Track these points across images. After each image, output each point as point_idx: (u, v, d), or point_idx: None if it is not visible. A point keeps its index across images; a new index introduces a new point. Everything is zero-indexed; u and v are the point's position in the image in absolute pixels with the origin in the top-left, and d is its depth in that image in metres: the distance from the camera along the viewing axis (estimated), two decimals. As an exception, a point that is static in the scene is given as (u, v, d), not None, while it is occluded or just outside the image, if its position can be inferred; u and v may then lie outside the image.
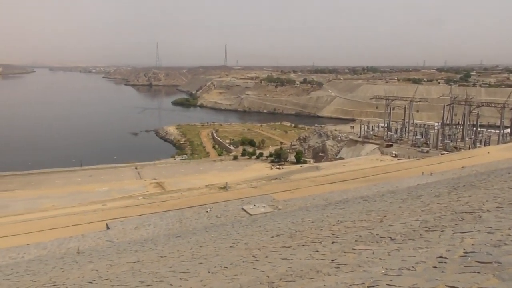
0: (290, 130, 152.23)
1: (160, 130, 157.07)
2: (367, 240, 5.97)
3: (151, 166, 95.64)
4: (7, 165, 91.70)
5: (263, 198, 28.21)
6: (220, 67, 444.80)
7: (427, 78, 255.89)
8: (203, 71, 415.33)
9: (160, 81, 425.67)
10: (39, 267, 11.31)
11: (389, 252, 4.80)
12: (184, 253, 9.62)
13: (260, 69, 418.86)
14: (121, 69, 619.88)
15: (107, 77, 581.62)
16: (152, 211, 30.69)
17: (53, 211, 45.29)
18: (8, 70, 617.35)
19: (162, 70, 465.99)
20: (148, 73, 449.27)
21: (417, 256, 4.25)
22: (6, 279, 9.78)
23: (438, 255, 4.05)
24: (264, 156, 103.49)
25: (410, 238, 5.32)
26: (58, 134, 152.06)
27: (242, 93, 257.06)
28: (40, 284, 8.44)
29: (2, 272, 11.20)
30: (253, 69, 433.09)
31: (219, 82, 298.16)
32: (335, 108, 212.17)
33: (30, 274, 10.26)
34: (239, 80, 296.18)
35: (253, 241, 9.41)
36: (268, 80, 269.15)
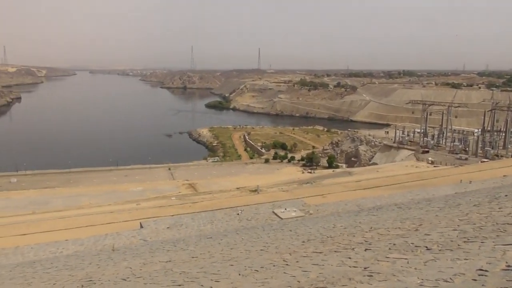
0: (323, 134, 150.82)
1: (193, 132, 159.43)
2: (401, 248, 5.81)
3: (184, 167, 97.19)
4: (49, 164, 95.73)
5: (294, 202, 28.06)
6: (253, 70, 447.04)
7: (467, 82, 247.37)
8: (237, 74, 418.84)
9: (194, 84, 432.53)
10: (76, 262, 11.71)
11: (425, 262, 4.66)
12: (215, 255, 9.70)
13: (293, 73, 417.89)
14: (157, 72, 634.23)
15: (144, 79, 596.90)
16: (184, 212, 31.18)
17: (90, 208, 46.86)
18: (52, 72, 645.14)
19: (197, 73, 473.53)
20: (183, 76, 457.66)
21: (455, 268, 4.10)
22: (46, 273, 10.18)
23: (478, 268, 3.89)
24: (295, 160, 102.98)
25: (448, 249, 5.14)
26: (96, 134, 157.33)
27: (274, 96, 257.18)
28: (77, 279, 8.72)
29: (42, 266, 11.68)
30: (286, 72, 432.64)
31: (252, 85, 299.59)
32: (369, 112, 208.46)
33: (68, 268, 10.64)
34: (272, 83, 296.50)
35: (283, 245, 9.37)
36: (301, 84, 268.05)
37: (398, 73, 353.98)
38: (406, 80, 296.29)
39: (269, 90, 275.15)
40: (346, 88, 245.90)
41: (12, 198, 65.14)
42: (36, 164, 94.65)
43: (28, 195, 67.31)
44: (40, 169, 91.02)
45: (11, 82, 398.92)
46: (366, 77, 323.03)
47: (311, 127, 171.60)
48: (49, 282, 8.94)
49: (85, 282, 8.20)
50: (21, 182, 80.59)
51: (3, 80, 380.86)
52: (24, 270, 11.14)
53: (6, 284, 9.38)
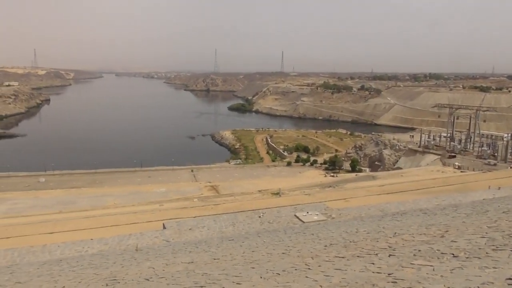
0: (346, 138, 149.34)
1: (216, 134, 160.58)
2: (426, 255, 5.68)
3: (207, 169, 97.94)
4: (75, 164, 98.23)
5: (316, 206, 27.86)
6: (276, 73, 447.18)
7: (496, 86, 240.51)
8: (260, 77, 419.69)
9: (217, 87, 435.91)
10: (101, 261, 11.95)
11: (451, 269, 4.54)
12: (236, 257, 9.72)
13: (317, 76, 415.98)
14: (181, 75, 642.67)
15: (168, 82, 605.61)
16: (207, 214, 31.39)
17: (114, 208, 47.75)
18: (80, 75, 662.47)
19: (220, 76, 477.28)
20: (206, 79, 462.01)
21: (483, 276, 3.98)
22: (72, 271, 10.43)
23: (508, 277, 3.77)
24: (318, 163, 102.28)
25: (475, 256, 5.00)
26: (122, 135, 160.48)
27: (297, 99, 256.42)
28: (102, 278, 8.89)
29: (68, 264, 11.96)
30: (309, 75, 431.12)
31: (275, 88, 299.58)
32: (394, 116, 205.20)
33: (92, 267, 10.86)
34: (295, 86, 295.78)
35: (305, 248, 9.31)
36: (325, 87, 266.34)
37: (424, 76, 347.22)
38: (432, 83, 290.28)
39: (292, 93, 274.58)
40: (370, 91, 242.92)
41: (40, 198, 67.08)
42: (63, 165, 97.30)
43: (55, 195, 69.17)
44: (67, 170, 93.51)
45: (41, 84, 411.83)
46: (390, 80, 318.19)
47: (334, 130, 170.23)
48: (74, 280, 9.15)
49: (109, 281, 8.35)
50: (49, 182, 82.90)
51: (33, 82, 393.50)
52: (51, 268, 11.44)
53: (34, 281, 9.64)
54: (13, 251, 19.94)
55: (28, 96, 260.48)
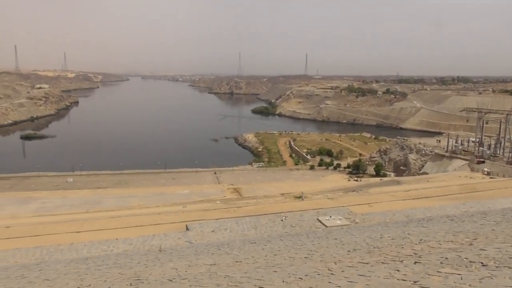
0: (370, 142, 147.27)
1: (239, 137, 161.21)
2: (454, 263, 5.53)
3: (229, 172, 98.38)
4: (102, 165, 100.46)
5: (340, 210, 27.56)
6: (300, 76, 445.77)
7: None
8: (283, 80, 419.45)
9: (241, 90, 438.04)
10: (125, 261, 12.15)
11: (480, 279, 4.40)
12: (258, 260, 9.71)
13: (341, 79, 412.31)
14: (205, 78, 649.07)
15: (192, 85, 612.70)
16: (229, 216, 31.50)
17: (139, 209, 48.51)
18: (107, 78, 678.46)
19: (244, 79, 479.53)
20: (230, 82, 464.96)
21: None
22: (97, 270, 10.64)
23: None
24: (341, 167, 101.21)
25: (506, 266, 4.83)
26: (147, 137, 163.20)
27: (321, 102, 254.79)
28: (126, 277, 9.04)
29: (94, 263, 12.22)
30: (333, 78, 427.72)
31: (299, 91, 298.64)
32: (420, 120, 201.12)
33: (117, 267, 11.06)
34: (319, 89, 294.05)
35: (328, 253, 9.21)
36: (349, 90, 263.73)
37: (452, 79, 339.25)
38: (460, 86, 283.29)
39: (315, 96, 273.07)
40: (396, 95, 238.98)
41: (68, 197, 68.87)
42: (90, 165, 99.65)
43: (82, 195, 70.89)
44: (94, 170, 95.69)
45: (70, 87, 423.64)
46: (417, 83, 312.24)
47: (358, 134, 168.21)
48: (100, 278, 9.33)
49: (133, 281, 8.48)
50: (77, 182, 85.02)
51: (63, 85, 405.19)
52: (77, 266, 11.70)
53: (61, 278, 9.88)
54: (41, 249, 20.53)
55: (58, 98, 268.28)
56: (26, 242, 25.39)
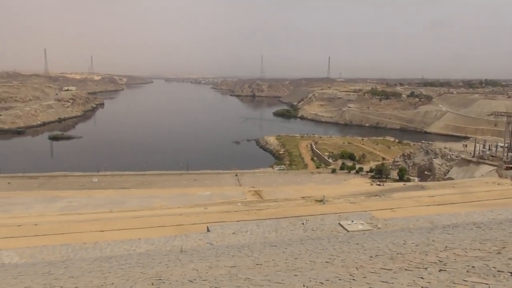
0: (394, 146, 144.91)
1: (260, 139, 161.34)
2: (481, 272, 5.38)
3: (250, 174, 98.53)
4: (125, 166, 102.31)
5: (362, 215, 27.21)
6: (322, 79, 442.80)
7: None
8: (306, 83, 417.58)
9: (263, 92, 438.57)
10: (147, 261, 12.32)
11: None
12: (279, 263, 9.68)
13: (364, 82, 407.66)
14: (227, 80, 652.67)
15: (215, 87, 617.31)
16: (250, 218, 31.53)
17: (161, 210, 49.11)
18: (131, 80, 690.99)
19: (266, 81, 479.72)
20: (252, 85, 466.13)
21: (545, 298, 3.70)
22: (120, 268, 10.82)
23: None
24: (364, 171, 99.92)
25: (536, 276, 4.66)
26: (169, 139, 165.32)
27: (343, 105, 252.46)
28: (148, 277, 9.16)
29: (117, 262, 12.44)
30: (356, 81, 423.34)
31: (321, 94, 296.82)
32: (446, 124, 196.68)
33: (140, 266, 11.22)
34: (341, 92, 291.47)
35: (350, 258, 9.10)
36: (372, 93, 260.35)
37: (479, 83, 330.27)
38: (489, 90, 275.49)
39: (338, 99, 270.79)
40: (421, 98, 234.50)
41: (93, 197, 70.36)
42: (114, 166, 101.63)
43: (107, 195, 72.29)
44: (118, 171, 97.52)
45: (96, 89, 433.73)
46: (443, 86, 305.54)
47: (381, 137, 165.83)
48: (123, 277, 9.48)
49: (155, 281, 8.58)
50: (101, 182, 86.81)
51: (89, 87, 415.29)
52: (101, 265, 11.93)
53: (85, 276, 10.09)
54: (67, 247, 21.03)
55: (85, 100, 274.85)
56: (52, 239, 26.08)
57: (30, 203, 65.16)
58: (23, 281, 9.62)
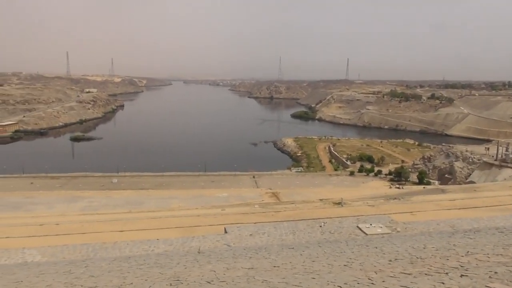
0: (413, 148, 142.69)
1: (278, 141, 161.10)
2: (504, 278, 5.25)
3: (268, 176, 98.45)
4: (144, 167, 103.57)
5: (380, 218, 26.87)
6: (341, 81, 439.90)
7: None
8: (324, 85, 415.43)
9: (280, 94, 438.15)
10: (165, 261, 12.43)
11: (533, 296, 4.15)
12: (296, 266, 9.64)
13: (383, 84, 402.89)
14: (245, 82, 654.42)
15: (233, 89, 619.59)
16: (267, 220, 31.49)
17: (179, 211, 49.51)
18: (151, 82, 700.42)
19: (284, 83, 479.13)
20: (270, 86, 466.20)
21: None
22: (139, 268, 10.95)
23: None
24: (382, 173, 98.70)
25: (562, 283, 4.52)
26: (187, 140, 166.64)
27: (362, 107, 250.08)
28: (166, 277, 9.24)
29: (136, 262, 12.59)
30: (375, 83, 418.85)
31: (339, 96, 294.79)
32: (467, 126, 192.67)
33: (158, 266, 11.33)
34: (360, 94, 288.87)
35: (368, 262, 8.99)
36: (392, 95, 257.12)
37: (502, 85, 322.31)
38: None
39: (356, 101, 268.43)
40: (441, 100, 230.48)
41: (113, 197, 71.51)
42: (134, 167, 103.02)
43: (126, 195, 73.36)
44: (137, 172, 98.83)
45: (116, 91, 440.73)
46: (464, 88, 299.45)
47: (400, 140, 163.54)
48: (141, 277, 9.59)
49: (173, 281, 8.65)
50: (121, 182, 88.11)
51: (109, 89, 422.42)
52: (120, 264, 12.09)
53: (105, 275, 10.24)
54: (87, 246, 21.40)
55: (105, 102, 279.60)
56: (73, 239, 26.58)
57: (52, 203, 66.64)
58: (45, 280, 9.83)
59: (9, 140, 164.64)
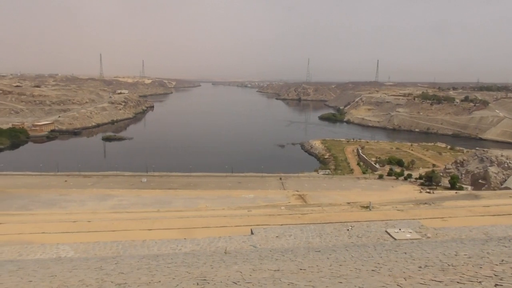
0: (445, 152, 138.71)
1: (305, 143, 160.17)
2: (542, 289, 5.04)
3: (295, 178, 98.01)
4: (173, 167, 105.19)
5: (410, 223, 26.26)
6: (370, 83, 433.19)
7: None
8: (352, 86, 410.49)
9: (308, 96, 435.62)
10: (192, 261, 12.57)
11: None
12: (323, 269, 9.56)
13: (414, 86, 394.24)
14: (273, 84, 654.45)
15: (261, 91, 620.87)
16: (293, 222, 31.38)
17: (206, 211, 50.00)
18: (180, 84, 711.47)
19: (312, 85, 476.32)
20: (298, 88, 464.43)
21: None
22: (167, 267, 11.13)
23: None
24: (412, 177, 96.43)
25: None
26: (215, 141, 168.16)
27: (392, 110, 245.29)
28: (193, 277, 9.35)
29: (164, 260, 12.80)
30: (406, 85, 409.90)
31: (368, 98, 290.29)
32: (503, 130, 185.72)
33: (185, 266, 11.48)
34: (390, 96, 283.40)
35: (397, 268, 8.82)
36: (423, 97, 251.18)
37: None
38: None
39: (386, 104, 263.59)
40: (476, 103, 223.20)
41: (142, 196, 72.97)
42: (162, 167, 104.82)
43: (154, 194, 74.72)
44: (165, 171, 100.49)
45: (147, 92, 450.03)
46: (500, 91, 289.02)
47: (432, 143, 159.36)
48: (169, 276, 9.74)
49: (200, 281, 8.74)
50: (150, 182, 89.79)
51: (140, 90, 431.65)
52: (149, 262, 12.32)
53: (134, 273, 10.46)
54: (117, 244, 21.91)
55: (136, 103, 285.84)
56: (104, 236, 27.30)
57: (84, 201, 68.67)
58: (77, 275, 10.13)
59: (45, 140, 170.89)
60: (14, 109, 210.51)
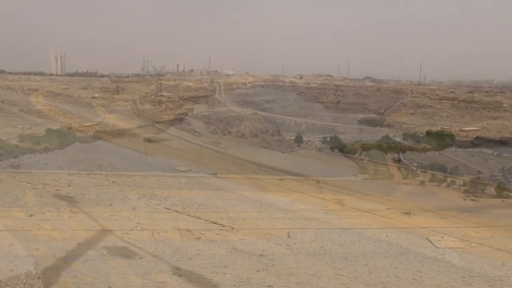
0: (492, 159, 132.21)
1: (344, 147, 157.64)
2: None
3: (333, 182, 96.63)
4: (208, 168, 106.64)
5: (452, 231, 25.34)
6: (411, 84, 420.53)
7: None
8: (393, 89, 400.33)
9: (348, 99, 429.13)
10: (229, 262, 12.79)
11: None
12: (361, 276, 9.45)
13: (459, 86, 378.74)
14: (312, 86, 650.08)
15: (299, 93, 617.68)
16: (331, 227, 31.00)
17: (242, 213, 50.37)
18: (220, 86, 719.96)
19: (351, 88, 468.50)
20: (337, 91, 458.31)
21: None
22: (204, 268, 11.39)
23: None
24: (456, 184, 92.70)
25: None
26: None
27: (435, 114, 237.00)
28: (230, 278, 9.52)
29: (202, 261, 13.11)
30: (451, 88, 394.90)
31: (410, 102, 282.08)
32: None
33: (222, 266, 11.71)
34: (433, 100, 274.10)
35: (439, 277, 8.58)
36: (468, 102, 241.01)
37: None
38: None
39: (429, 107, 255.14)
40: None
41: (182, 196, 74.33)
42: (200, 168, 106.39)
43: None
44: (203, 173, 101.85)
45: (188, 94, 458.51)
46: None
47: (477, 149, 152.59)
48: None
49: (236, 282, 8.89)
50: (187, 183, 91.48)
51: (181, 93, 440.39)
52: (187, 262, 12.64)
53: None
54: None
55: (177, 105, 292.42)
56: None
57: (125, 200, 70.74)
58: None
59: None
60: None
